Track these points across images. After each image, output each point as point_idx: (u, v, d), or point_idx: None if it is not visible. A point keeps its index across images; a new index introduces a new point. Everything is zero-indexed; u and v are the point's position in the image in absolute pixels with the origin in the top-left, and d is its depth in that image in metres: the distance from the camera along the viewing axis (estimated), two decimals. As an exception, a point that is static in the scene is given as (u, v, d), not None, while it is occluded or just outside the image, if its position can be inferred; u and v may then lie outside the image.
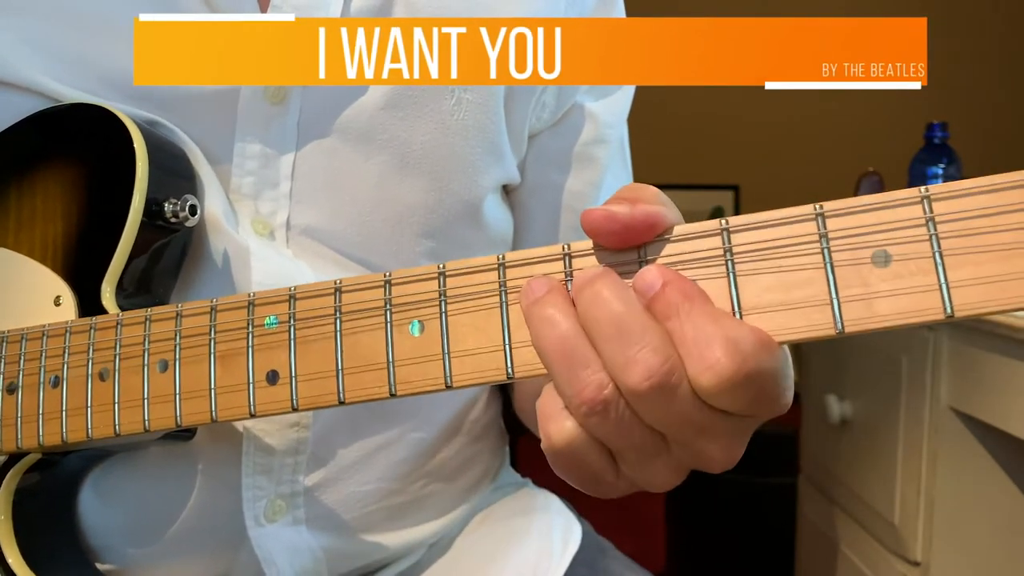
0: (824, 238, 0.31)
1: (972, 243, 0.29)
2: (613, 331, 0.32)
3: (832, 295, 0.31)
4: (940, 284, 0.29)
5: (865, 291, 0.31)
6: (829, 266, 0.31)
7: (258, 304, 0.40)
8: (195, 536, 0.52)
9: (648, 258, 0.34)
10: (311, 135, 0.52)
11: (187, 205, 0.47)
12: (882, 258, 0.30)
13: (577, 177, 0.63)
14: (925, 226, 0.30)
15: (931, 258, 0.30)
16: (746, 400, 0.31)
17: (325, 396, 0.39)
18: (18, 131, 0.50)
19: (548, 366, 0.33)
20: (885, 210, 0.31)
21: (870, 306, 0.30)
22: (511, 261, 0.36)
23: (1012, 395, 0.97)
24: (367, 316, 0.38)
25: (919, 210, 0.30)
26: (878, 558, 1.26)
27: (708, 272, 0.33)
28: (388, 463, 0.58)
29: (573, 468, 0.35)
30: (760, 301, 0.32)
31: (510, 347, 0.35)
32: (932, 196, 0.30)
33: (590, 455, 0.34)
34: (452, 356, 0.36)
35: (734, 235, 0.33)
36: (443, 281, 0.37)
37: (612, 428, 0.33)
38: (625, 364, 0.31)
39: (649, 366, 0.31)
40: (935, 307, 0.30)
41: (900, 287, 0.30)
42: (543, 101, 0.60)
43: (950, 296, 0.29)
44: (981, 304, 0.29)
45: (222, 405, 0.41)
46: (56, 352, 0.45)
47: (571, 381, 0.32)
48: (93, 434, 0.43)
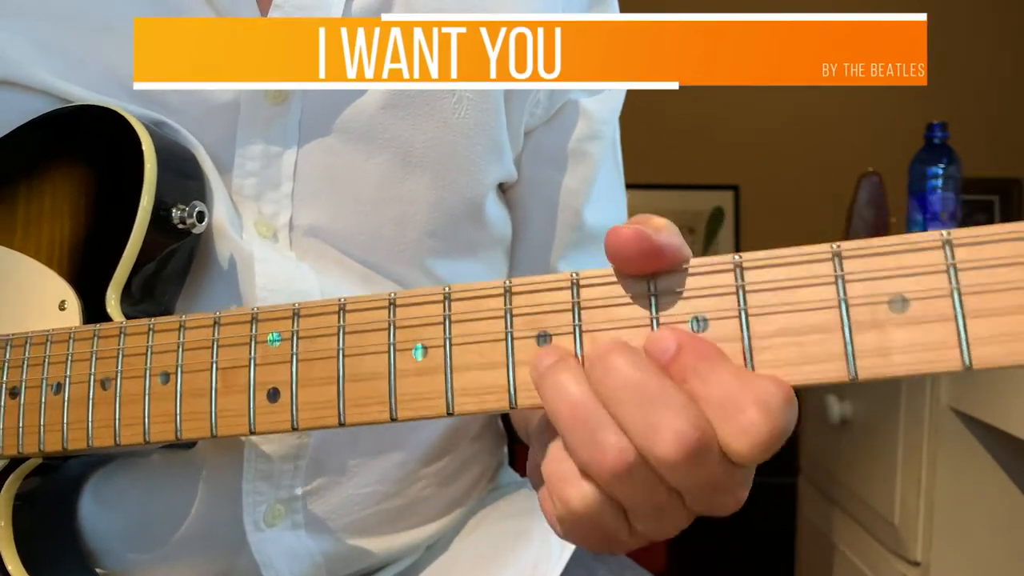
0: (840, 280, 0.30)
1: (993, 295, 0.28)
2: (631, 396, 0.31)
3: (846, 339, 0.30)
4: (959, 337, 0.29)
5: (880, 336, 0.30)
6: (844, 308, 0.30)
7: (262, 320, 0.40)
8: (195, 541, 0.52)
9: (658, 291, 0.33)
10: (312, 135, 0.52)
11: (195, 212, 0.47)
12: (899, 303, 0.30)
13: (572, 174, 0.63)
14: (946, 272, 0.29)
15: (950, 306, 0.29)
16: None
17: (325, 417, 0.38)
18: (26, 132, 0.50)
19: (564, 433, 0.32)
20: (904, 254, 0.30)
21: (885, 353, 0.30)
22: (517, 287, 0.35)
23: (1012, 395, 0.97)
24: (371, 336, 0.38)
25: (940, 256, 0.29)
26: (878, 558, 1.26)
27: (719, 309, 0.32)
28: (386, 467, 0.58)
29: (589, 530, 0.34)
30: (771, 342, 0.31)
31: (514, 376, 0.35)
32: (954, 241, 0.29)
33: (607, 516, 0.33)
34: (455, 382, 0.36)
35: (747, 272, 0.32)
36: (448, 305, 0.36)
37: (633, 491, 0.32)
38: (648, 430, 0.30)
39: (679, 430, 0.30)
40: (953, 360, 0.29)
41: (917, 334, 0.29)
42: (537, 98, 0.60)
43: (970, 350, 0.28)
44: (1001, 359, 0.28)
45: (222, 421, 0.40)
46: (59, 359, 0.45)
47: (590, 445, 0.31)
48: (94, 443, 0.43)
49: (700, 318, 0.32)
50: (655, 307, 0.33)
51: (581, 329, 0.34)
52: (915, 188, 1.39)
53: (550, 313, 0.35)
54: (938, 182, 1.36)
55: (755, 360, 0.31)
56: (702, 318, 0.32)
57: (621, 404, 0.31)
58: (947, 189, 1.36)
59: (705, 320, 0.32)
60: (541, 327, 0.35)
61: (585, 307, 0.34)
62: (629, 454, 0.31)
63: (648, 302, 0.33)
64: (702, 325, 0.32)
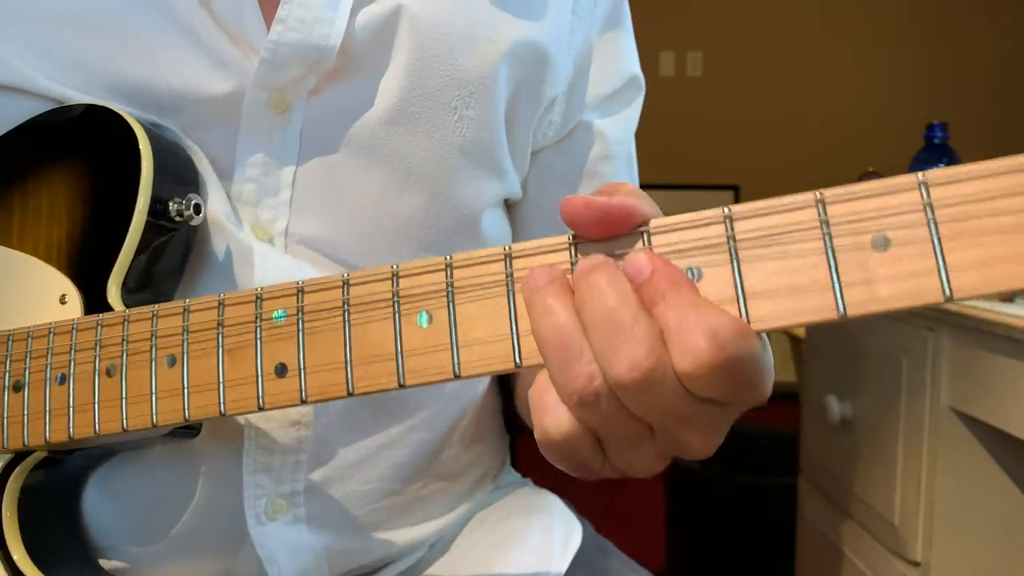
0: (825, 224, 0.32)
1: (969, 227, 0.30)
2: (604, 323, 0.33)
3: (834, 279, 0.32)
4: (939, 267, 0.30)
5: (866, 275, 0.31)
6: (830, 251, 0.32)
7: (266, 298, 0.40)
8: (197, 534, 0.52)
9: (653, 246, 0.34)
10: (313, 146, 0.53)
11: (192, 204, 0.48)
12: (882, 242, 0.31)
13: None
14: (923, 211, 0.30)
15: (929, 242, 0.30)
16: (726, 387, 0.32)
17: (334, 387, 0.39)
18: (23, 132, 0.51)
19: (544, 356, 0.34)
20: (884, 196, 0.31)
21: (871, 289, 0.31)
22: (517, 251, 0.36)
23: (1012, 395, 0.97)
24: (375, 308, 0.38)
25: (916, 196, 0.31)
26: (878, 558, 1.26)
27: (712, 259, 0.33)
28: (389, 463, 0.58)
29: (565, 457, 0.36)
30: (764, 287, 0.33)
31: (517, 336, 0.36)
32: (930, 182, 0.31)
33: (582, 444, 0.35)
34: (460, 346, 0.37)
35: (737, 223, 0.33)
36: (450, 272, 0.37)
37: (602, 418, 0.34)
38: (611, 355, 0.32)
39: (634, 358, 0.32)
40: (934, 289, 0.30)
41: (899, 270, 0.31)
42: (550, 119, 0.60)
43: (948, 279, 0.30)
44: (979, 286, 0.30)
45: (230, 398, 0.41)
46: (63, 350, 0.45)
47: (564, 371, 0.33)
48: (100, 430, 0.43)
49: (694, 269, 0.34)
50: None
51: None
52: (915, 188, 1.38)
53: None
54: (938, 182, 1.36)
55: (748, 305, 0.33)
56: (696, 269, 0.34)
57: (594, 332, 0.33)
58: (947, 189, 1.36)
59: (699, 270, 0.34)
60: None
61: None
62: (596, 380, 0.33)
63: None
64: (696, 275, 0.34)
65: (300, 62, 0.50)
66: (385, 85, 0.53)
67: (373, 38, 0.52)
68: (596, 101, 0.63)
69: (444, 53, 0.53)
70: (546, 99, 0.59)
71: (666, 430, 0.34)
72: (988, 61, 2.79)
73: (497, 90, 0.55)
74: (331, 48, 0.50)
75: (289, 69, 0.50)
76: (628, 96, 0.65)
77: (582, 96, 0.62)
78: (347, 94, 0.52)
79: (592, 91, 0.62)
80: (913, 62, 2.87)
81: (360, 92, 0.53)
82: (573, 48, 0.60)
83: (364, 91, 0.53)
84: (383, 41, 0.52)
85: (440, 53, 0.53)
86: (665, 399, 0.32)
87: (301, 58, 0.50)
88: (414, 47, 0.53)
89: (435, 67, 0.53)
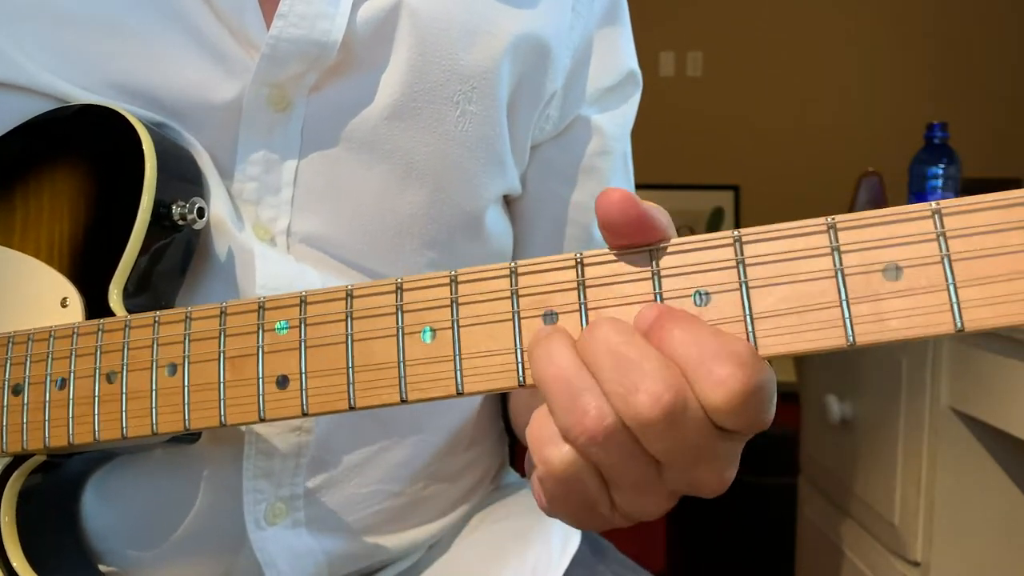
0: (836, 251, 0.31)
1: (983, 259, 0.29)
2: (612, 361, 0.32)
3: (843, 307, 0.31)
4: (951, 301, 0.30)
5: (876, 303, 0.31)
6: (841, 278, 0.31)
7: (268, 308, 0.40)
8: (196, 539, 0.52)
9: (660, 268, 0.34)
10: (314, 143, 0.52)
11: (195, 207, 0.47)
12: (893, 271, 0.30)
13: (581, 189, 0.63)
14: (936, 241, 0.30)
15: (942, 275, 0.30)
16: (750, 415, 0.31)
17: (335, 401, 0.38)
18: (26, 131, 0.50)
19: (547, 396, 0.33)
20: (896, 224, 0.31)
21: (881, 319, 0.30)
22: (523, 268, 0.36)
23: (1012, 395, 0.97)
24: (379, 321, 0.38)
25: (930, 224, 0.30)
26: (878, 558, 1.26)
27: (721, 282, 0.33)
28: (388, 466, 0.58)
29: (570, 496, 0.34)
30: (772, 311, 0.32)
31: (521, 354, 0.35)
32: (943, 211, 0.30)
33: (587, 482, 0.34)
34: (464, 363, 0.36)
35: (746, 246, 0.33)
36: (455, 288, 0.37)
37: (614, 458, 0.32)
38: (628, 394, 0.31)
39: (653, 392, 0.31)
40: (945, 322, 0.30)
41: (911, 301, 0.30)
42: (547, 113, 0.60)
43: (960, 311, 0.29)
44: (990, 320, 0.29)
45: (231, 409, 0.40)
46: (63, 354, 0.45)
47: (571, 408, 0.32)
48: (100, 436, 0.43)
49: (702, 292, 0.33)
50: (658, 283, 0.34)
51: (586, 307, 0.35)
52: (915, 188, 1.39)
53: (555, 292, 0.35)
54: (938, 182, 1.36)
55: (756, 330, 0.32)
56: (704, 292, 0.33)
57: (602, 369, 0.32)
58: (947, 189, 1.36)
59: (707, 294, 0.33)
60: (547, 306, 0.35)
61: (590, 285, 0.35)
62: (608, 417, 0.32)
63: (651, 278, 0.34)
64: (704, 299, 0.33)
65: (301, 58, 0.50)
66: (386, 81, 0.52)
67: (374, 33, 0.52)
68: (594, 96, 0.63)
69: (445, 48, 0.53)
70: (547, 93, 0.59)
71: (681, 468, 0.33)
72: (988, 61, 2.79)
73: (499, 84, 0.55)
74: (332, 44, 0.50)
75: (290, 65, 0.50)
76: (626, 92, 0.65)
77: (580, 91, 0.62)
78: (348, 90, 0.52)
79: (591, 85, 0.62)
80: (913, 62, 2.87)
81: (361, 88, 0.52)
82: (572, 42, 0.60)
83: (365, 87, 0.52)
84: (384, 36, 0.52)
85: (441, 48, 0.53)
86: (688, 435, 0.32)
87: (302, 54, 0.50)
88: (415, 42, 0.52)
89: (436, 62, 0.53)
